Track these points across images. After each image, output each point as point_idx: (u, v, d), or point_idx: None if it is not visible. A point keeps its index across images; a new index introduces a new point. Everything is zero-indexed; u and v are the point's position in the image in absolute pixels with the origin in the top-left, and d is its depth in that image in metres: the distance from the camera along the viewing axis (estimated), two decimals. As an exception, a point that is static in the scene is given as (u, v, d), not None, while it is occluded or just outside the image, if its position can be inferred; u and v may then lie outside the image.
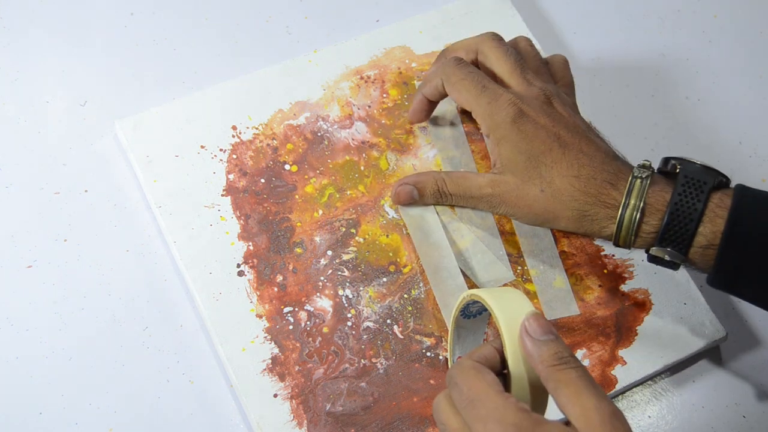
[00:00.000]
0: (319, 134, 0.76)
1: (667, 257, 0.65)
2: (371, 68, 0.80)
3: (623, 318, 0.71)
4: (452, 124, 0.78)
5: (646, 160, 0.67)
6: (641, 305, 0.72)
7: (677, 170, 0.66)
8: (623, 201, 0.65)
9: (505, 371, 0.56)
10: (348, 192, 0.74)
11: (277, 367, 0.67)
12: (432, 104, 0.75)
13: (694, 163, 0.66)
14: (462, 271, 0.71)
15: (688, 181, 0.64)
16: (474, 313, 0.63)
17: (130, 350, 0.68)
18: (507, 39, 0.81)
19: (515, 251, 0.73)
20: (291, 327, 0.68)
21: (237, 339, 0.67)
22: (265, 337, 0.67)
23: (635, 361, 0.69)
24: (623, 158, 0.69)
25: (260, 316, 0.68)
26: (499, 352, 0.56)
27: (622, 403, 0.70)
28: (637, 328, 0.71)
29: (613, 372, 0.69)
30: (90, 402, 0.66)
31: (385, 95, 0.78)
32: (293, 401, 0.66)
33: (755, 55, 0.87)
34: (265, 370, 0.66)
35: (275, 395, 0.66)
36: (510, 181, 0.69)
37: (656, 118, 0.83)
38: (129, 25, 0.81)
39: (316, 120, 0.77)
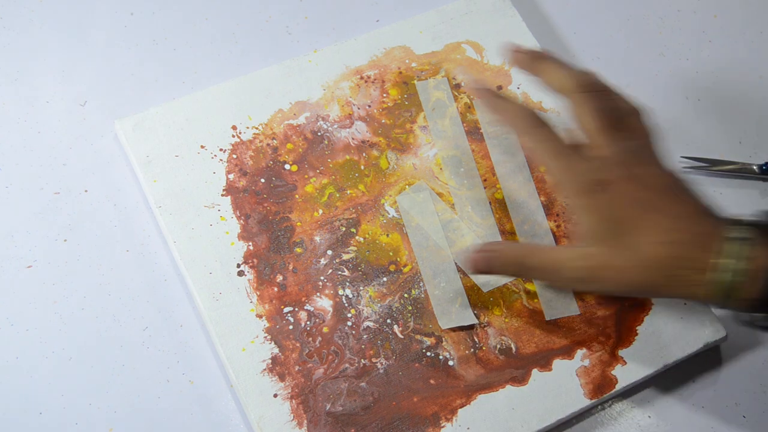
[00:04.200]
0: (319, 134, 0.76)
1: (764, 323, 0.63)
2: (371, 68, 0.80)
3: (623, 318, 0.71)
4: (453, 123, 0.78)
5: (741, 216, 0.63)
6: (641, 305, 0.71)
7: None
8: (719, 267, 0.61)
9: None
10: (348, 191, 0.74)
11: (277, 367, 0.67)
12: None
13: None
14: (462, 271, 0.71)
15: None
16: None
17: (130, 350, 0.68)
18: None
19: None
20: (291, 327, 0.68)
21: (237, 339, 0.67)
22: (265, 337, 0.67)
23: (635, 361, 0.69)
24: (714, 211, 0.64)
25: (260, 316, 0.68)
26: None
27: (622, 404, 0.70)
28: (637, 328, 0.71)
29: (613, 372, 0.69)
30: (90, 402, 0.66)
31: (385, 95, 0.78)
32: (293, 401, 0.66)
33: (755, 55, 0.87)
34: (265, 370, 0.66)
35: (275, 395, 0.66)
36: (597, 254, 0.64)
37: (657, 118, 0.83)
38: (129, 25, 0.81)
39: (316, 120, 0.77)
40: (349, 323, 0.69)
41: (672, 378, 0.71)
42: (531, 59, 0.70)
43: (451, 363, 0.68)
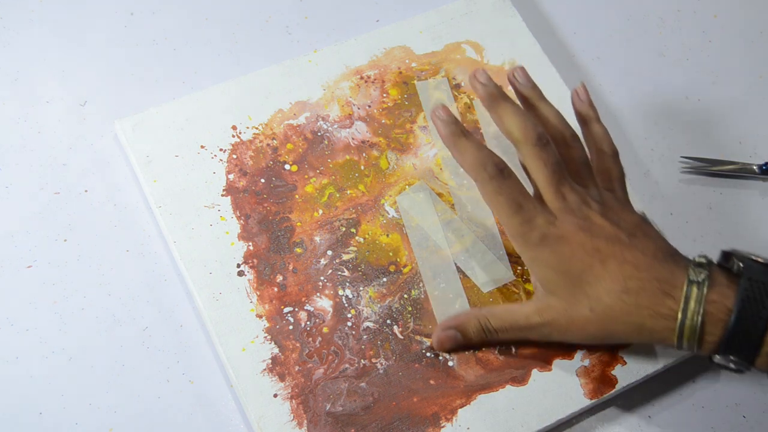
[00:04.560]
0: (319, 134, 0.76)
1: (732, 366, 0.62)
2: (371, 68, 0.80)
3: (623, 318, 0.71)
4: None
5: (702, 257, 0.63)
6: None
7: (740, 270, 0.62)
8: (680, 312, 0.61)
9: None
10: (348, 191, 0.74)
11: (277, 367, 0.67)
12: None
13: (758, 261, 0.62)
14: (462, 271, 0.71)
15: (753, 285, 0.60)
16: None
17: (130, 350, 0.68)
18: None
19: (515, 251, 0.73)
20: (291, 327, 0.68)
21: (237, 339, 0.67)
22: (265, 337, 0.67)
23: (635, 361, 0.69)
24: (676, 254, 0.65)
25: (260, 316, 0.68)
26: None
27: (622, 404, 0.70)
28: (637, 328, 0.71)
29: (613, 372, 0.69)
30: (90, 402, 0.66)
31: (385, 95, 0.78)
32: (293, 401, 0.66)
33: (755, 55, 0.87)
34: (265, 370, 0.66)
35: (275, 395, 0.66)
36: (557, 306, 0.65)
37: (656, 118, 0.83)
38: (129, 25, 0.81)
39: (316, 120, 0.77)
40: (349, 323, 0.69)
41: (672, 378, 0.71)
42: (489, 98, 0.69)
43: (450, 363, 0.68)
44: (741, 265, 0.62)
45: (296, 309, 0.69)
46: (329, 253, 0.71)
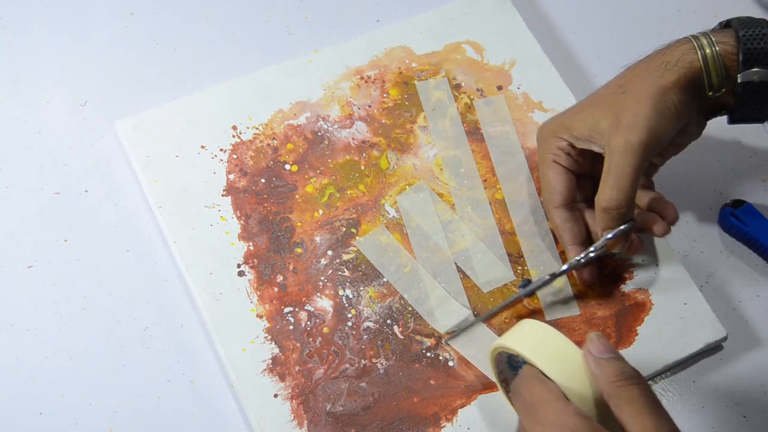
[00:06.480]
0: (319, 134, 0.76)
1: (756, 78, 0.67)
2: (371, 68, 0.80)
3: (623, 318, 0.71)
4: (453, 123, 0.78)
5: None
6: (641, 305, 0.72)
7: (725, 23, 0.71)
8: (698, 49, 0.69)
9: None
10: (348, 192, 0.74)
11: (277, 367, 0.67)
12: None
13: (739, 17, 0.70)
14: (462, 271, 0.71)
15: (741, 21, 0.69)
16: (521, 362, 0.63)
17: (130, 350, 0.68)
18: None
19: (515, 251, 0.73)
20: (291, 327, 0.68)
21: (237, 339, 0.67)
22: (266, 337, 0.67)
23: (635, 361, 0.69)
24: None
25: (260, 317, 0.68)
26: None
27: (622, 403, 0.70)
28: (637, 328, 0.71)
29: (613, 372, 0.69)
30: (90, 402, 0.66)
31: (385, 95, 0.78)
32: (293, 401, 0.66)
33: (755, 55, 0.87)
34: (265, 370, 0.66)
35: (275, 395, 0.66)
36: None
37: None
38: (129, 25, 0.81)
39: (316, 120, 0.77)
40: (350, 323, 0.69)
41: (672, 378, 0.71)
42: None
43: (451, 363, 0.68)
44: (724, 22, 0.71)
45: (296, 309, 0.69)
46: (329, 253, 0.71)
